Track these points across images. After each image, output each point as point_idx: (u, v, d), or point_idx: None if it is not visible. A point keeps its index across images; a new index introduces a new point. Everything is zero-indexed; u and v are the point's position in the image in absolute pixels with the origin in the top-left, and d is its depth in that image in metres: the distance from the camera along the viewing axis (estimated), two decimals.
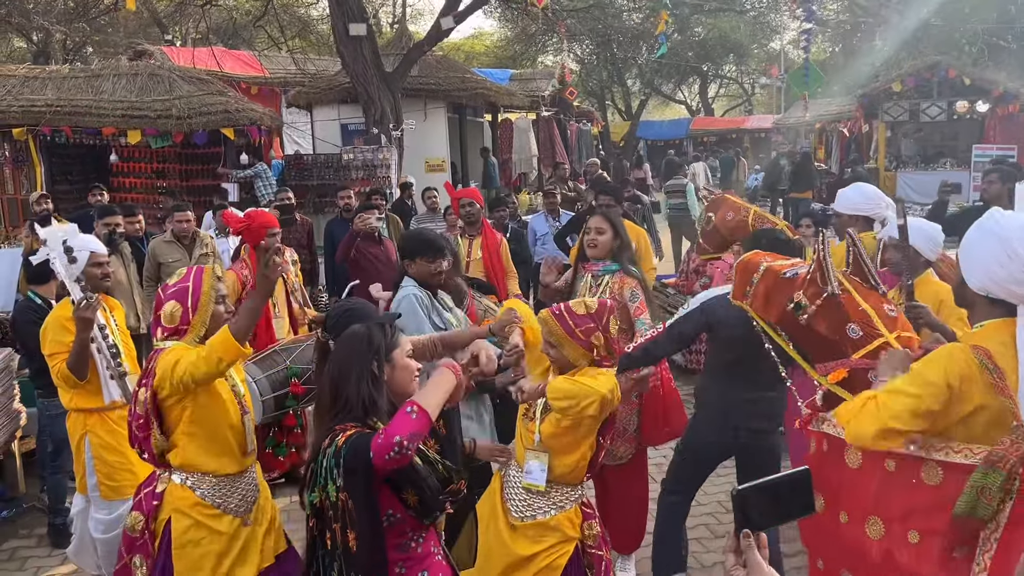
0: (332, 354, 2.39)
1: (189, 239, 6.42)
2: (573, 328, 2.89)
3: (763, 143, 30.11)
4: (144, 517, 2.87)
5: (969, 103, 16.88)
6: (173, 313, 2.88)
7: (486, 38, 34.15)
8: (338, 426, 2.21)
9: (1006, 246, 2.11)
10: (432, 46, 13.12)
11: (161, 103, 10.32)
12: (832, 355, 2.62)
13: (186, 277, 2.96)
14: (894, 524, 2.24)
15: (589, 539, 2.86)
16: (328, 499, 2.16)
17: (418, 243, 3.74)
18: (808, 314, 2.68)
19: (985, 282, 2.18)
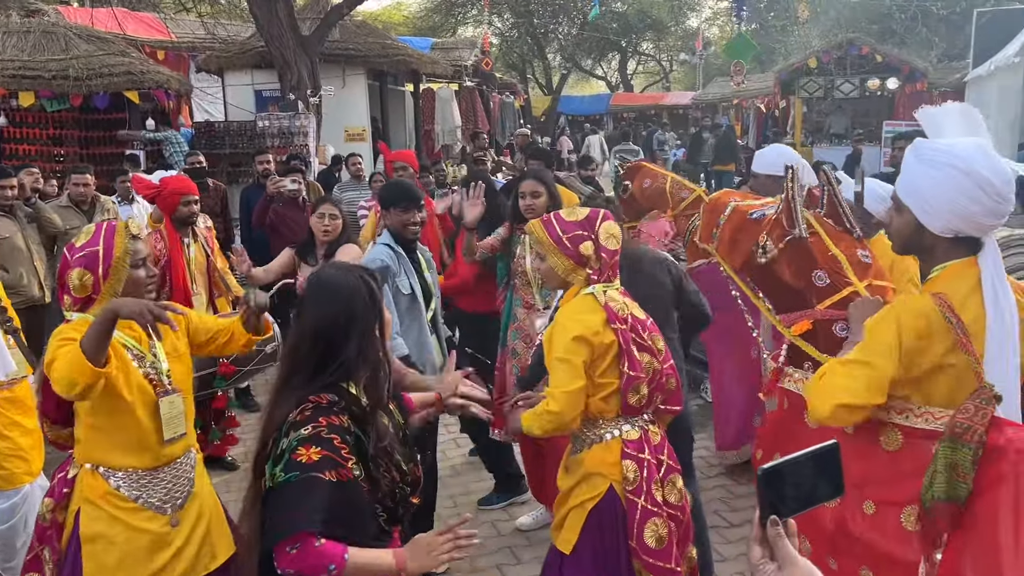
0: (318, 305, 2.02)
1: (88, 204, 5.92)
2: (560, 236, 2.68)
3: (681, 119, 30.46)
4: (54, 504, 2.51)
5: (880, 80, 17.35)
6: (84, 282, 2.47)
7: (404, 8, 33.43)
8: (312, 396, 1.94)
9: (975, 178, 1.89)
10: (352, 9, 12.63)
11: (57, 63, 9.56)
12: (797, 304, 2.44)
13: (95, 238, 2.53)
14: (849, 491, 2.07)
15: (627, 482, 2.61)
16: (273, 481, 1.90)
17: (393, 192, 3.72)
18: (771, 258, 2.50)
19: (954, 222, 1.95)
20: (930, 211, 1.97)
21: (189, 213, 4.85)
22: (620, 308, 2.67)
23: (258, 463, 1.96)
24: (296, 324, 2.06)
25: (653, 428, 2.75)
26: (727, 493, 4.64)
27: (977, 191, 1.89)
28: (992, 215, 1.93)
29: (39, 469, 3.44)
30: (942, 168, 1.93)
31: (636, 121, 29.98)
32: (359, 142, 13.09)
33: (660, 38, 34.75)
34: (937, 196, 1.94)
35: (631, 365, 2.61)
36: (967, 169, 1.90)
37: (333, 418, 1.91)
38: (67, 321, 2.49)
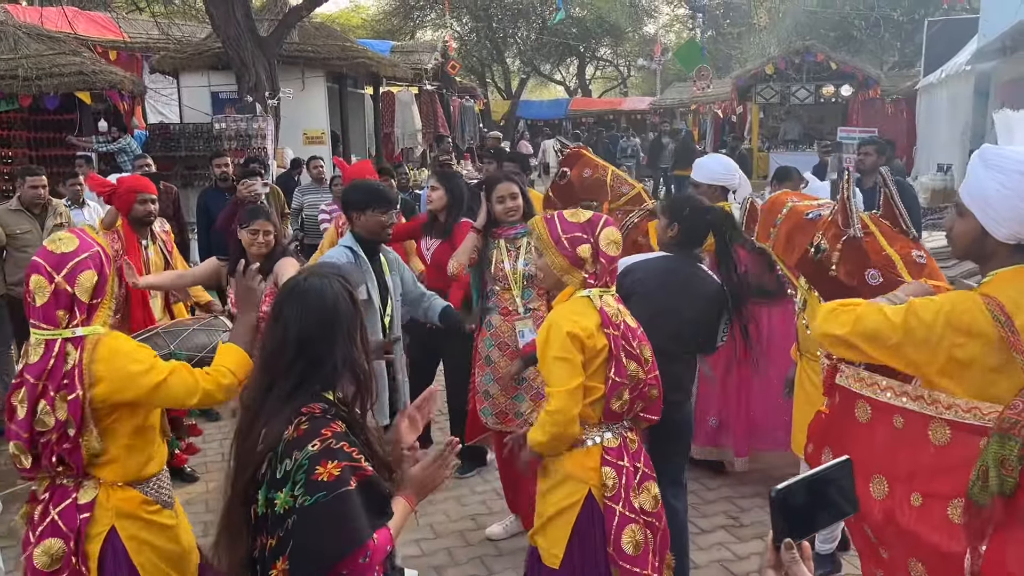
0: (302, 311, 1.93)
1: (40, 208, 5.72)
2: (560, 235, 2.68)
3: (639, 124, 30.70)
4: (64, 541, 2.31)
5: (835, 87, 17.69)
6: (90, 287, 2.31)
7: (363, 11, 33.19)
8: (303, 408, 1.86)
9: None
10: (311, 11, 12.47)
11: (5, 63, 9.27)
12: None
13: (85, 242, 2.36)
14: (897, 484, 2.07)
15: (605, 488, 2.60)
16: (272, 507, 1.81)
17: (369, 193, 3.63)
18: (825, 256, 2.53)
19: (1018, 229, 1.93)
20: (995, 217, 1.95)
21: (146, 212, 4.72)
22: (614, 314, 2.67)
23: (247, 488, 1.86)
24: (273, 331, 1.96)
25: (631, 435, 2.76)
26: (732, 506, 4.54)
27: None
28: None
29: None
30: (1010, 175, 1.91)
31: (596, 126, 30.13)
32: (318, 145, 12.94)
33: (618, 44, 35.02)
34: (1003, 203, 1.92)
35: (617, 371, 2.62)
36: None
37: (333, 425, 1.86)
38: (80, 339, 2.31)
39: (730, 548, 4.05)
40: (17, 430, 2.32)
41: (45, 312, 2.30)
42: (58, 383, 2.26)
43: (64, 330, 2.30)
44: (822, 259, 2.62)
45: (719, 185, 4.73)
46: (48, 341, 2.30)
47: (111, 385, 2.31)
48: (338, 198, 7.07)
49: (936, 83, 14.55)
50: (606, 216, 2.80)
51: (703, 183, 4.76)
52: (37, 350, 2.31)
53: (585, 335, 2.59)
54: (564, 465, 2.67)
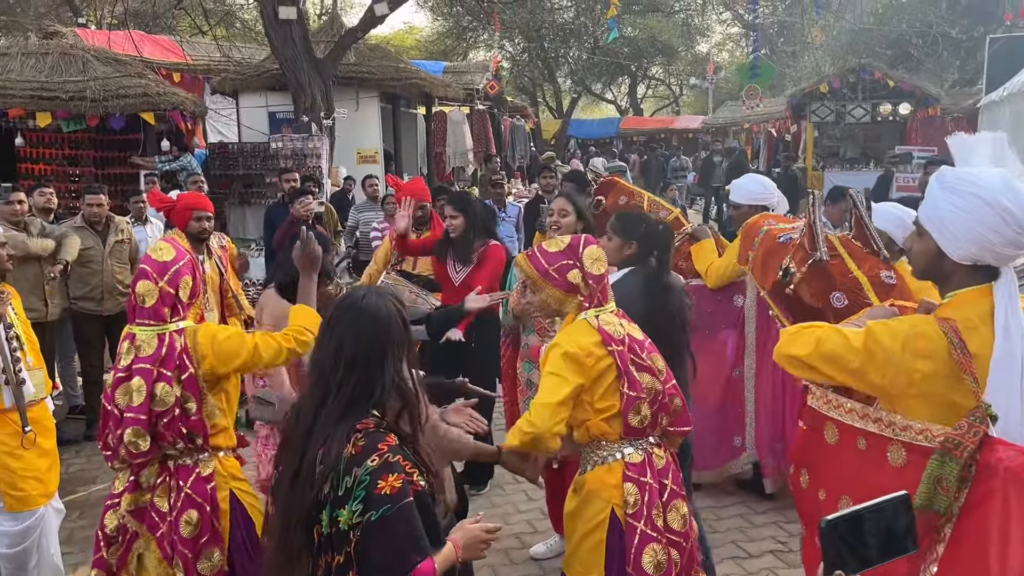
0: (356, 330, 1.98)
1: (102, 225, 5.93)
2: (547, 268, 2.70)
3: (691, 143, 30.52)
4: (199, 511, 2.68)
5: (892, 105, 17.34)
6: (191, 288, 2.76)
7: (417, 32, 33.71)
8: (358, 424, 1.91)
9: (997, 208, 1.91)
10: (366, 32, 12.70)
11: (74, 84, 9.63)
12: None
13: (180, 250, 2.81)
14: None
15: (627, 505, 2.58)
16: (336, 526, 1.84)
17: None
18: (794, 281, 2.51)
19: (973, 250, 1.96)
20: (950, 238, 1.98)
21: (201, 229, 4.87)
22: (615, 330, 2.67)
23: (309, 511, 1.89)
24: (327, 348, 2.00)
25: (658, 451, 2.71)
26: (745, 523, 4.56)
27: (998, 221, 1.91)
28: (1012, 245, 1.94)
29: (55, 491, 3.41)
30: (965, 196, 1.95)
31: (647, 144, 30.03)
32: (371, 164, 13.14)
33: (670, 63, 34.90)
34: (958, 224, 1.96)
35: (630, 385, 2.61)
36: (990, 199, 1.92)
37: (389, 439, 1.90)
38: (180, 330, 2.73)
39: (778, 574, 3.98)
40: (135, 415, 2.62)
41: (155, 311, 2.70)
42: (172, 366, 2.65)
43: (170, 324, 2.71)
44: (789, 282, 2.59)
45: (759, 204, 4.71)
46: (160, 334, 2.68)
47: (216, 359, 2.73)
48: (390, 216, 7.21)
49: (999, 101, 14.17)
50: (585, 236, 2.80)
51: (743, 203, 4.71)
52: (151, 343, 2.68)
53: (584, 354, 2.59)
54: (587, 484, 2.66)
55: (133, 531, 2.69)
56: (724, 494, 4.86)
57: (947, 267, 2.02)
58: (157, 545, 2.65)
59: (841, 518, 1.07)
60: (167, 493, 2.70)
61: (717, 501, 4.78)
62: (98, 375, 5.99)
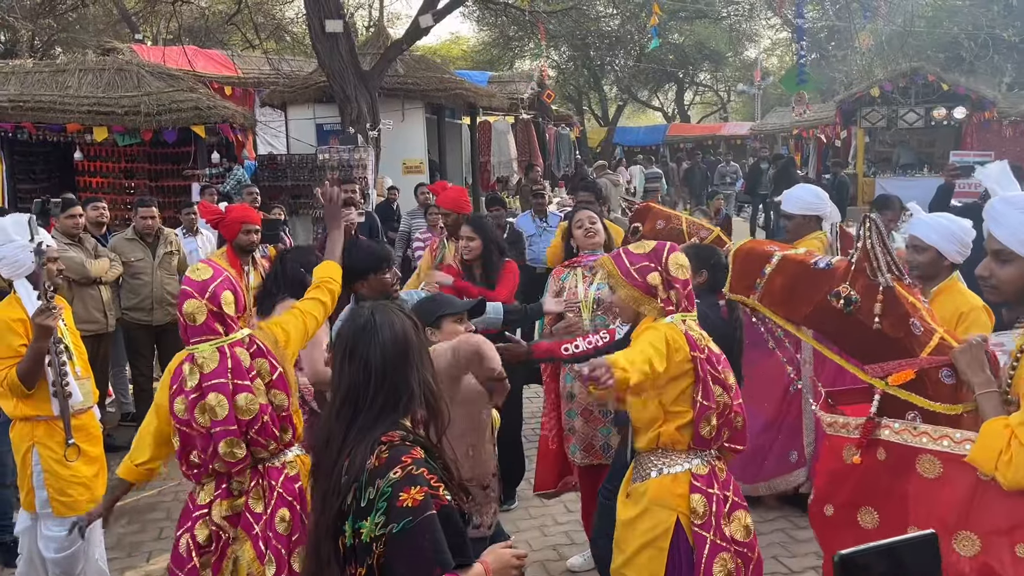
0: (380, 344, 2.00)
1: (153, 237, 6.09)
2: (628, 267, 2.73)
3: (739, 149, 30.16)
4: (290, 509, 2.75)
5: (947, 109, 16.91)
6: (233, 302, 2.82)
7: (463, 43, 33.96)
8: (383, 436, 1.93)
9: None
10: (411, 44, 12.86)
11: (129, 99, 9.94)
12: (890, 354, 2.36)
13: (217, 268, 2.87)
14: (994, 537, 1.99)
15: (695, 515, 2.59)
16: (359, 537, 1.86)
17: (365, 258, 3.56)
18: (861, 309, 2.45)
19: None
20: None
21: (249, 242, 4.97)
22: (699, 338, 2.69)
23: (335, 520, 1.91)
24: (350, 368, 2.01)
25: (719, 464, 2.75)
26: (787, 537, 4.49)
27: None
28: None
29: (101, 496, 3.51)
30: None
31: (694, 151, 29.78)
32: (416, 174, 13.26)
33: (718, 69, 34.57)
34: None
35: (705, 395, 2.62)
36: None
37: (413, 452, 1.91)
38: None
39: None
40: (224, 427, 2.68)
41: (207, 327, 2.76)
42: (246, 375, 2.71)
43: (225, 337, 2.77)
44: (854, 311, 2.50)
45: (813, 215, 4.65)
46: (219, 348, 2.74)
47: (296, 339, 2.92)
48: (433, 226, 7.27)
49: None
50: (670, 243, 2.82)
51: (796, 214, 4.66)
52: (212, 358, 2.72)
53: (674, 346, 2.60)
54: (648, 493, 2.65)
55: (227, 537, 2.74)
56: (766, 508, 4.78)
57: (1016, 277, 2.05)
58: (252, 544, 2.70)
59: (857, 553, 1.02)
60: (261, 495, 2.77)
61: (759, 516, 4.69)
62: (148, 383, 6.16)
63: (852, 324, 2.44)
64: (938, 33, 20.56)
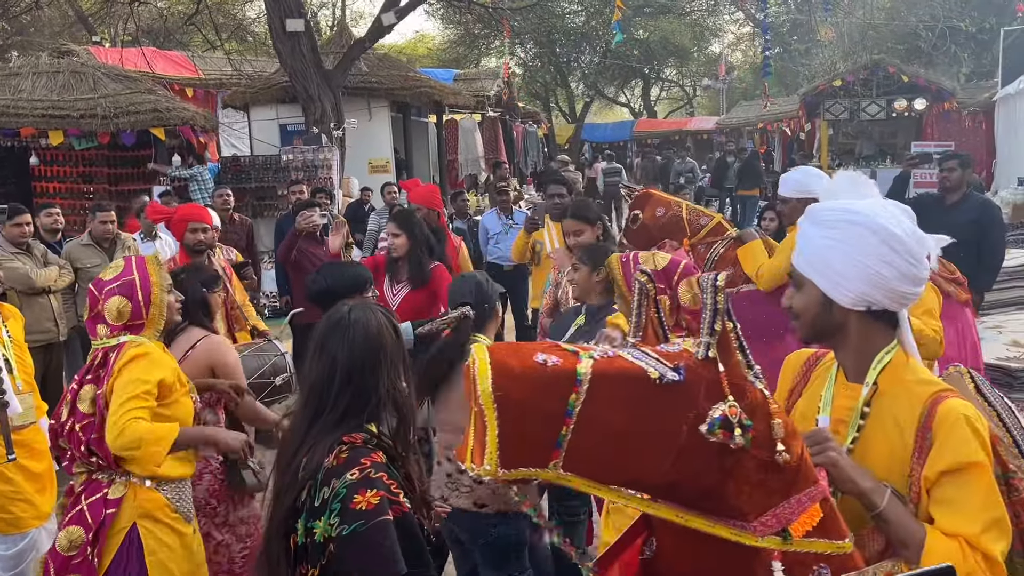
0: (349, 344, 1.95)
1: (110, 242, 5.95)
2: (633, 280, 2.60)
3: (705, 144, 30.38)
4: (86, 531, 2.51)
5: (907, 101, 17.14)
6: (121, 310, 2.63)
7: (428, 41, 33.82)
8: (345, 436, 1.87)
9: (882, 235, 1.62)
10: (374, 42, 12.75)
11: (85, 102, 9.73)
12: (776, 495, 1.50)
13: (127, 269, 2.70)
14: None
15: None
16: (311, 536, 1.81)
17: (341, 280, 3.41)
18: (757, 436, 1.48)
19: (867, 290, 1.64)
20: (834, 282, 1.67)
21: (196, 241, 4.84)
22: None
23: (287, 518, 1.86)
24: (318, 363, 1.96)
25: None
26: None
27: (886, 250, 1.62)
28: (907, 280, 1.64)
29: (48, 512, 3.40)
30: (842, 227, 1.66)
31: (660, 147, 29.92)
32: (383, 173, 13.17)
33: (683, 64, 34.77)
34: (841, 260, 1.65)
35: None
36: (871, 225, 1.63)
37: (374, 456, 1.86)
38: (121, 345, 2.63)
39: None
40: (65, 422, 2.63)
41: (89, 326, 2.71)
42: (101, 375, 2.61)
43: (106, 340, 2.66)
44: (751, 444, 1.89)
45: (808, 198, 4.38)
46: (95, 350, 2.68)
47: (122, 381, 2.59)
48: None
49: (1014, 93, 13.98)
50: (685, 263, 2.63)
51: (791, 197, 4.51)
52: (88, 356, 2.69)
53: None
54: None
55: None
56: None
57: (836, 318, 1.69)
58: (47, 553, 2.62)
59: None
60: (71, 503, 2.65)
61: None
62: None
63: (740, 466, 1.42)
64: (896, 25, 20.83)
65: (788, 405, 1.87)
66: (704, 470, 1.40)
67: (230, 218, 7.51)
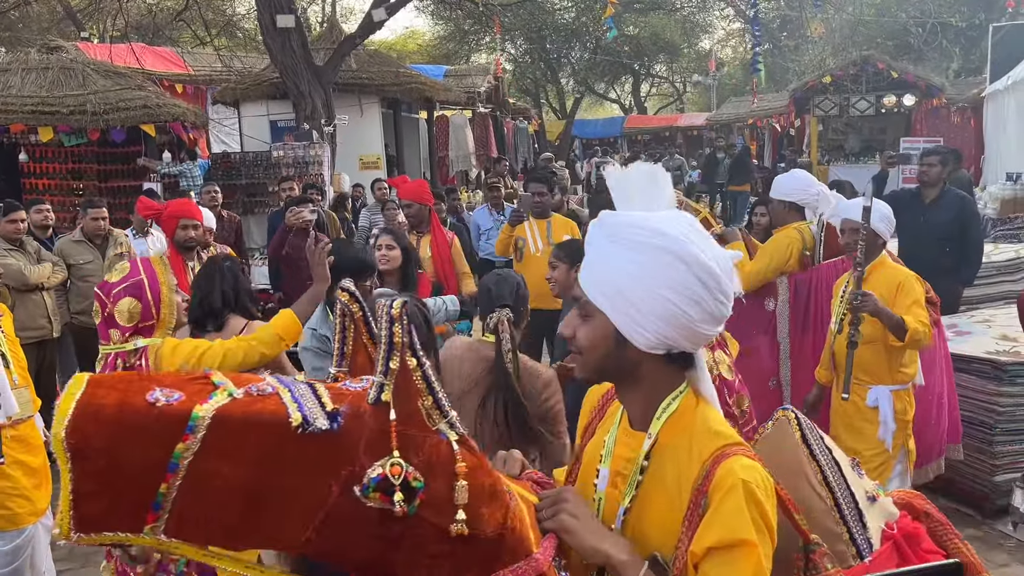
0: None
1: (102, 239, 5.94)
2: None
3: (696, 140, 30.44)
4: None
5: (896, 97, 17.22)
6: (132, 311, 2.66)
7: (419, 37, 33.75)
8: None
9: (696, 268, 1.32)
10: (364, 38, 12.72)
11: (74, 98, 9.66)
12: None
13: (133, 270, 2.72)
14: None
15: None
16: None
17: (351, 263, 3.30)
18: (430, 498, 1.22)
19: (669, 331, 1.34)
20: (635, 315, 1.35)
21: (186, 238, 4.84)
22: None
23: None
24: None
25: None
26: None
27: (696, 285, 1.33)
28: (713, 321, 1.37)
29: (45, 508, 3.40)
30: (646, 249, 1.33)
31: (650, 143, 29.97)
32: (374, 170, 13.16)
33: (673, 60, 34.82)
34: (640, 291, 1.33)
35: None
36: (682, 252, 1.32)
37: None
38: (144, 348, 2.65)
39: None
40: None
41: (101, 331, 2.70)
42: None
43: (121, 344, 2.66)
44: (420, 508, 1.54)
45: (791, 202, 4.52)
46: (106, 355, 2.66)
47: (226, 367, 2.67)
48: (391, 220, 7.21)
49: (1003, 90, 14.06)
50: None
51: (774, 199, 4.61)
52: (98, 364, 2.67)
53: None
54: None
55: None
56: None
57: (631, 357, 1.39)
58: None
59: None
60: None
61: None
62: None
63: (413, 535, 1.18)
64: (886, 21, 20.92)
65: (581, 445, 1.61)
66: (360, 538, 1.15)
67: (218, 215, 7.51)
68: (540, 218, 5.88)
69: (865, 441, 3.66)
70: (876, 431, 3.62)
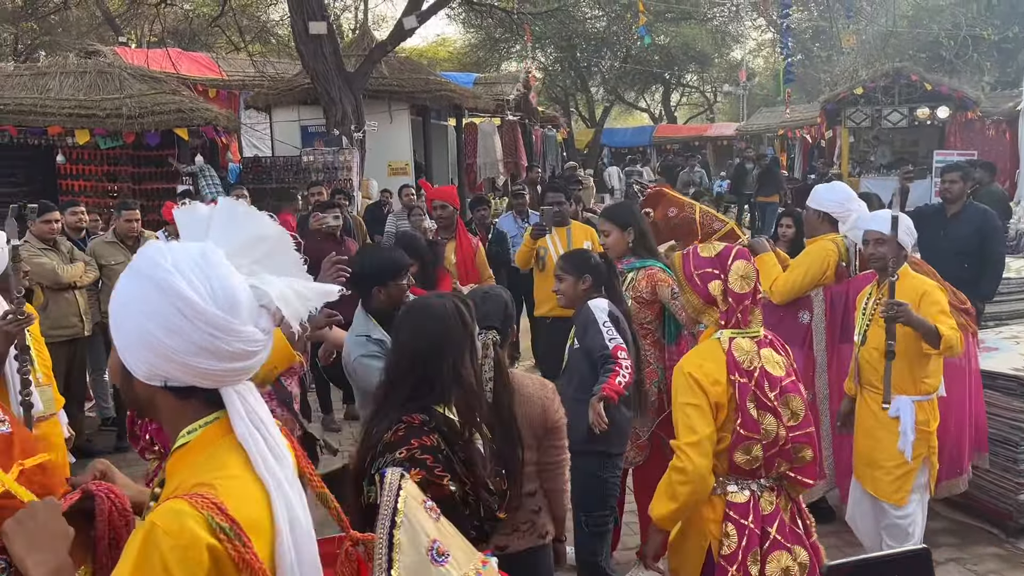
0: (416, 328, 2.16)
1: (134, 240, 6.05)
2: (692, 272, 2.55)
3: (725, 150, 30.27)
4: None
5: (930, 109, 17.00)
6: None
7: (449, 44, 33.93)
8: (404, 416, 2.05)
9: (171, 295, 1.30)
10: (395, 46, 12.84)
11: (111, 102, 9.89)
12: None
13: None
14: None
15: (723, 545, 2.39)
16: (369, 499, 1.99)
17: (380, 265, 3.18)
18: None
19: (156, 361, 1.32)
20: (128, 344, 1.35)
21: None
22: (746, 359, 2.45)
23: (357, 480, 2.06)
24: (393, 346, 2.21)
25: (767, 496, 2.49)
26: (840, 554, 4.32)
27: (174, 315, 1.29)
28: (209, 355, 1.31)
29: None
30: (136, 281, 1.34)
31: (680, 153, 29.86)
32: (402, 176, 13.25)
33: (704, 70, 34.66)
34: (127, 321, 1.34)
35: (744, 424, 2.40)
36: (162, 281, 1.30)
37: (425, 439, 2.01)
38: None
39: None
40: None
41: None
42: None
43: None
44: None
45: (825, 212, 4.46)
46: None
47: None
48: (416, 226, 7.26)
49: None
50: (738, 248, 2.60)
51: (810, 207, 4.56)
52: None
53: (708, 381, 2.41)
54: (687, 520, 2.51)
55: None
56: None
57: (140, 392, 1.38)
58: None
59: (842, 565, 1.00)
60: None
61: None
62: None
63: None
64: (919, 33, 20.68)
65: None
66: None
67: None
68: (560, 226, 5.91)
69: (882, 450, 3.63)
70: (895, 441, 3.57)
